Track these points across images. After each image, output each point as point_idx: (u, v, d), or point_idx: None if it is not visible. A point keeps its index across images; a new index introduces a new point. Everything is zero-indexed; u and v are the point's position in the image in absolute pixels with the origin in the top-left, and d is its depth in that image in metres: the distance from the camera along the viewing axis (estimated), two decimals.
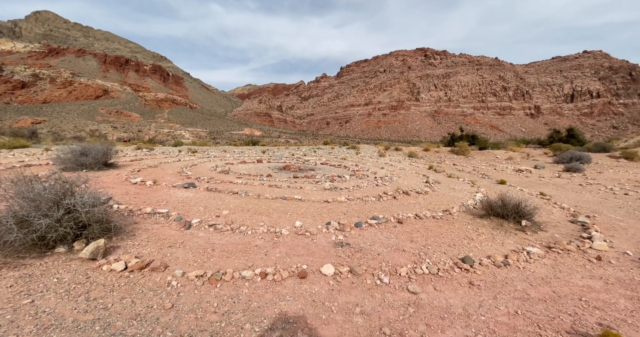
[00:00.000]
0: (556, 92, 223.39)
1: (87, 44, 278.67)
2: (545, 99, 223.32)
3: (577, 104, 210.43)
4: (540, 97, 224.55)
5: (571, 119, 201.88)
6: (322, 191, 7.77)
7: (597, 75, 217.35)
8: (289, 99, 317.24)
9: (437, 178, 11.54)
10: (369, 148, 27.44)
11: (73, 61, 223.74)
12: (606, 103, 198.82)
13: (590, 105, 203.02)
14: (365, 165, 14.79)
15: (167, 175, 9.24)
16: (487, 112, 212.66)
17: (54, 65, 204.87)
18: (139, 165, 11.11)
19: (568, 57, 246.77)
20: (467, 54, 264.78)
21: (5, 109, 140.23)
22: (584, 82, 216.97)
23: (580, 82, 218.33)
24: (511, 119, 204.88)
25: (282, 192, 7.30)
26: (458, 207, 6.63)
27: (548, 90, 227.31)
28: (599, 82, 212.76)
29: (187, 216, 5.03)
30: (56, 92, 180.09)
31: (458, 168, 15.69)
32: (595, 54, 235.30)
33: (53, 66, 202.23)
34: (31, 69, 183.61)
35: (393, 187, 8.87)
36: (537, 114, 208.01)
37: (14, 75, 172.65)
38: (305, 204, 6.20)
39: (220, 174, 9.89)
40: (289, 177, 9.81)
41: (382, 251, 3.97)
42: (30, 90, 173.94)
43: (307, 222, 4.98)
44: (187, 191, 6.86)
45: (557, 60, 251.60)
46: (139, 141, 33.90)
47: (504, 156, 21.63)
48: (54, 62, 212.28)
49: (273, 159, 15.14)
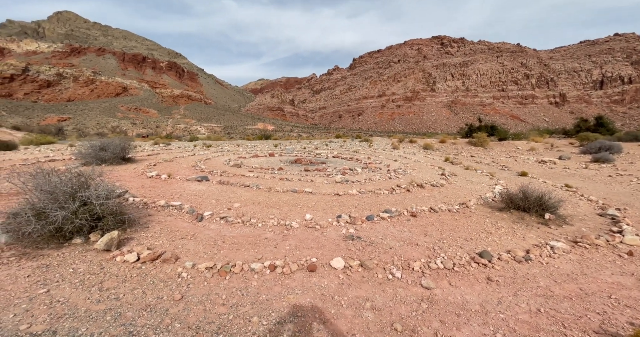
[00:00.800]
0: (584, 79, 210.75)
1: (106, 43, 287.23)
2: (571, 86, 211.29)
3: (606, 90, 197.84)
4: (566, 85, 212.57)
5: (600, 107, 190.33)
6: (333, 184, 7.67)
7: (630, 60, 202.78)
8: (300, 92, 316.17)
9: (453, 170, 11.17)
10: (382, 141, 26.97)
11: (94, 60, 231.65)
12: (639, 89, 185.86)
13: (622, 91, 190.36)
14: (378, 158, 14.53)
15: (181, 169, 9.40)
16: (508, 101, 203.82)
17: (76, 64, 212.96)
18: (155, 159, 11.38)
19: (597, 40, 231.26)
20: (486, 40, 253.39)
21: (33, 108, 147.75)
22: (615, 67, 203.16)
23: (610, 68, 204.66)
24: (534, 108, 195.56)
25: (293, 185, 7.26)
26: (475, 200, 6.36)
27: (575, 76, 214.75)
28: (631, 67, 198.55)
29: (200, 208, 5.08)
30: (79, 91, 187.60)
31: (476, 160, 15.16)
32: (628, 36, 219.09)
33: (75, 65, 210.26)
34: (55, 69, 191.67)
35: (407, 180, 8.64)
36: (563, 102, 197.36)
37: (40, 75, 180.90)
38: (315, 197, 6.13)
39: (232, 167, 9.97)
40: (300, 170, 9.76)
41: (395, 244, 3.84)
42: (55, 89, 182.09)
43: (318, 215, 4.91)
44: (200, 184, 6.94)
45: (585, 44, 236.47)
46: (156, 136, 34.87)
47: (526, 147, 20.70)
48: (76, 61, 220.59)
49: (285, 152, 15.14)
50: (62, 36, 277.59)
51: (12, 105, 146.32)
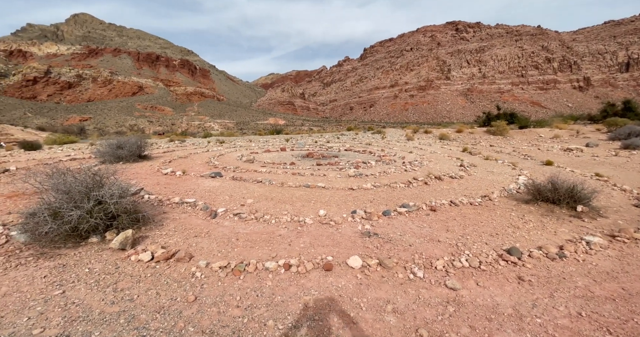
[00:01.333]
0: (609, 61, 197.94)
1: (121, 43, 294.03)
2: (596, 69, 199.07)
3: (633, 73, 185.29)
4: (591, 68, 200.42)
5: (626, 91, 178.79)
6: (346, 178, 7.48)
7: None
8: (311, 85, 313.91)
9: (472, 161, 10.71)
10: (395, 132, 26.35)
11: (110, 60, 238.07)
12: None
13: None
14: (392, 150, 14.16)
15: (195, 165, 9.45)
16: (528, 87, 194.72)
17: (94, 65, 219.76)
18: (170, 156, 11.52)
19: (623, 20, 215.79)
20: (504, 24, 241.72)
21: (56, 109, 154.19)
22: None
23: (637, 49, 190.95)
24: (555, 93, 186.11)
25: (306, 180, 7.12)
26: (499, 192, 6.02)
27: (599, 59, 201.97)
28: None
29: (213, 205, 5.03)
30: (98, 91, 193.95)
31: (496, 149, 14.53)
32: None
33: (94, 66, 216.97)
34: (75, 70, 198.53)
35: (424, 172, 8.33)
36: (587, 86, 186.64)
37: (61, 77, 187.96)
38: (329, 192, 5.97)
39: (245, 163, 9.94)
40: (312, 164, 9.61)
41: (414, 241, 3.64)
42: (76, 90, 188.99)
43: (332, 211, 4.76)
44: (214, 181, 6.92)
45: (610, 24, 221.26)
46: (172, 134, 35.57)
47: (549, 135, 19.70)
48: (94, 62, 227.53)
49: (296, 147, 15.02)
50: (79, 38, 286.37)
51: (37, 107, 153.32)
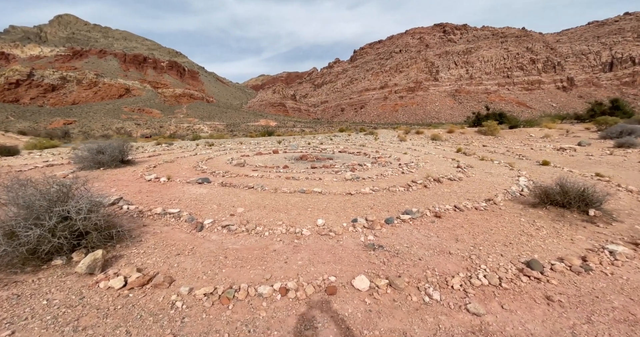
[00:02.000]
0: (592, 61, 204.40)
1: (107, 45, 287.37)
2: (579, 69, 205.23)
3: (616, 72, 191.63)
4: (574, 68, 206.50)
5: (610, 90, 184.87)
6: (343, 181, 7.12)
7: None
8: (302, 87, 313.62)
9: (468, 162, 10.52)
10: (387, 133, 26.21)
11: (96, 62, 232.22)
12: None
13: (632, 73, 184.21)
14: (386, 151, 13.90)
15: (182, 170, 8.94)
16: (513, 88, 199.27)
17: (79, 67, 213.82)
18: (156, 161, 10.93)
19: (607, 21, 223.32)
20: (490, 26, 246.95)
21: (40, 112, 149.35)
22: (625, 47, 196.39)
23: (620, 48, 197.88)
24: (540, 93, 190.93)
25: (300, 184, 6.73)
26: (502, 195, 5.76)
27: (583, 59, 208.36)
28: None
29: (200, 215, 4.59)
30: (83, 93, 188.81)
31: (489, 149, 14.44)
32: (639, 15, 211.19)
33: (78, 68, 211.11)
34: (59, 72, 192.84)
35: (421, 174, 8.05)
36: (570, 86, 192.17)
37: (44, 79, 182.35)
38: (326, 198, 5.60)
39: (235, 167, 9.47)
40: (307, 167, 9.23)
41: (424, 254, 3.30)
42: (60, 92, 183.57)
43: (331, 220, 4.38)
44: (201, 187, 6.45)
45: (593, 25, 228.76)
46: (159, 137, 34.59)
47: (539, 134, 19.85)
48: (78, 64, 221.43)
49: (289, 149, 14.60)
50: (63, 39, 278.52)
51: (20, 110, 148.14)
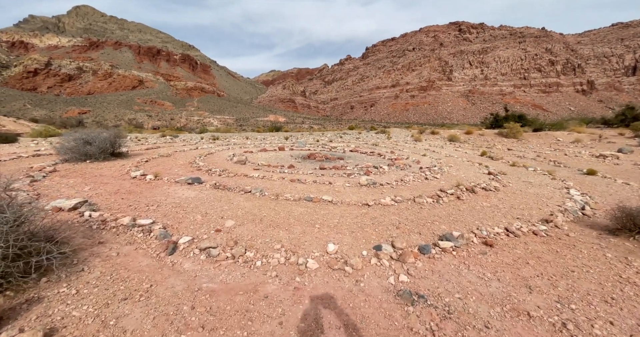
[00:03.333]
0: (615, 65, 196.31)
1: (122, 36, 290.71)
2: (600, 72, 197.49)
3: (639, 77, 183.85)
4: (595, 71, 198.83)
5: (632, 95, 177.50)
6: (357, 187, 6.02)
7: None
8: (312, 83, 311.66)
9: (498, 168, 9.28)
10: (400, 132, 24.85)
11: (111, 53, 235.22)
12: None
13: None
14: (402, 152, 12.71)
15: (176, 166, 7.98)
16: (530, 90, 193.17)
17: (94, 58, 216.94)
18: (151, 154, 10.03)
19: (632, 22, 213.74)
20: (508, 25, 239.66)
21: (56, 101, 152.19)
22: None
23: None
24: (558, 96, 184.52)
25: (307, 189, 5.66)
26: (561, 215, 4.57)
27: (605, 62, 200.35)
28: None
29: (177, 230, 3.58)
30: (98, 84, 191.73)
31: (516, 154, 13.10)
32: None
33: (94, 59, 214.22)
34: (75, 63, 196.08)
35: (449, 181, 6.88)
36: (590, 90, 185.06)
37: (61, 69, 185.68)
38: (338, 209, 4.52)
39: (235, 164, 8.46)
40: (315, 168, 8.15)
41: (489, 315, 2.20)
42: (76, 82, 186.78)
43: (345, 244, 3.31)
44: (190, 189, 5.45)
45: (617, 27, 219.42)
46: (166, 129, 33.98)
47: (568, 138, 18.26)
48: (94, 55, 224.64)
49: (296, 146, 13.54)
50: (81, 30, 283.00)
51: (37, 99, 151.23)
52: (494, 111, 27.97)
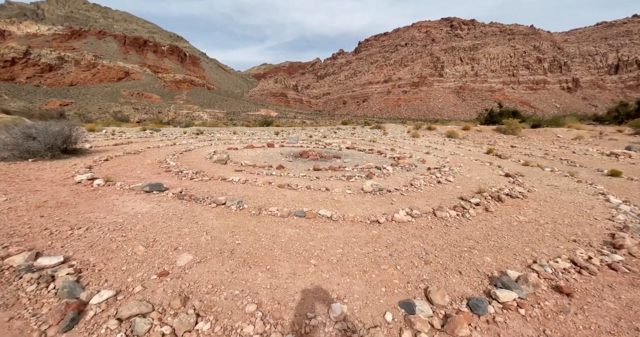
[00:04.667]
0: (598, 63, 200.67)
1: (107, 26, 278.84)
2: (585, 70, 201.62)
3: (621, 75, 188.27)
4: (580, 69, 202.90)
5: (614, 93, 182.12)
6: (360, 195, 4.87)
7: None
8: (304, 77, 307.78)
9: (512, 168, 8.31)
10: (396, 128, 23.76)
11: (95, 43, 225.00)
12: None
13: (637, 76, 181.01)
14: (403, 149, 11.63)
15: (141, 166, 6.64)
16: (518, 87, 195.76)
17: (77, 47, 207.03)
18: (117, 151, 8.62)
19: (615, 22, 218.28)
20: (498, 22, 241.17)
21: (35, 92, 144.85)
22: (632, 50, 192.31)
23: (627, 51, 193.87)
24: (544, 93, 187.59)
25: (299, 198, 4.47)
26: (628, 236, 3.54)
27: (589, 60, 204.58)
28: None
29: (98, 274, 2.35)
30: (81, 75, 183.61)
31: (521, 151, 12.22)
32: None
33: (77, 49, 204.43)
34: (56, 52, 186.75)
35: (465, 185, 5.81)
36: (575, 87, 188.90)
37: (41, 58, 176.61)
38: (340, 231, 3.37)
39: (214, 164, 7.17)
40: (308, 169, 6.95)
41: None
42: (57, 73, 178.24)
43: (357, 298, 2.16)
44: (145, 200, 4.18)
45: (602, 26, 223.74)
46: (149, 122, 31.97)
47: (568, 135, 17.56)
48: (77, 44, 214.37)
49: (287, 142, 12.28)
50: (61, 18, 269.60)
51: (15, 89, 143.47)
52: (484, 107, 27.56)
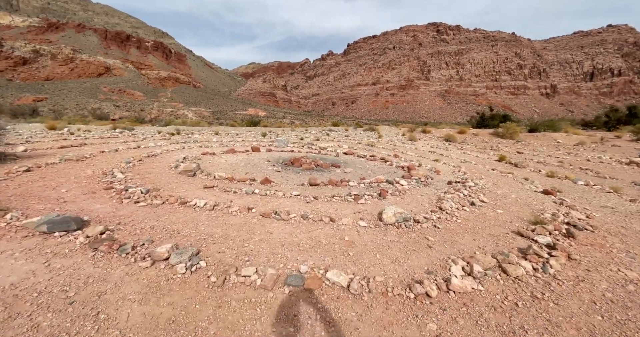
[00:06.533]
0: (575, 70, 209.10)
1: (87, 19, 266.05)
2: (562, 77, 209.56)
3: (596, 82, 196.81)
4: (558, 76, 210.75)
5: (589, 99, 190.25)
6: (379, 229, 3.38)
7: (620, 52, 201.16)
8: (293, 78, 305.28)
9: (540, 180, 7.08)
10: (389, 130, 22.45)
11: (73, 37, 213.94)
12: (627, 82, 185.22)
13: (610, 84, 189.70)
14: (407, 155, 10.28)
15: (70, 182, 4.88)
16: (500, 91, 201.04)
17: (54, 41, 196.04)
18: (55, 156, 6.76)
19: (591, 31, 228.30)
20: (482, 29, 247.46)
21: (7, 86, 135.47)
22: (606, 59, 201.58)
23: (601, 59, 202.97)
24: (525, 99, 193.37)
25: (292, 240, 2.90)
26: None
27: (567, 68, 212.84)
28: (621, 59, 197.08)
29: None
30: (58, 69, 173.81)
31: (531, 158, 11.14)
32: (621, 28, 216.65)
33: (53, 42, 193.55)
34: (31, 45, 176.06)
35: (507, 208, 4.41)
36: (553, 93, 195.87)
37: (15, 51, 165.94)
38: (367, 325, 1.88)
39: (178, 177, 5.50)
40: (302, 183, 5.41)
41: None
42: (32, 67, 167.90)
43: None
44: (26, 255, 2.50)
45: (578, 35, 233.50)
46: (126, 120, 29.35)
47: (568, 140, 16.71)
48: (54, 37, 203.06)
49: (275, 145, 10.65)
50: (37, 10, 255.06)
51: None
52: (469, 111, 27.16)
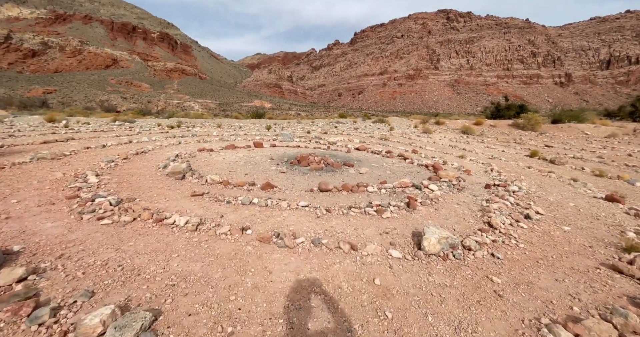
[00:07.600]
0: (591, 58, 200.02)
1: (93, 10, 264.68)
2: (578, 65, 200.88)
3: (612, 71, 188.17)
4: (573, 64, 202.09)
5: (604, 88, 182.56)
6: (420, 263, 2.45)
7: (639, 39, 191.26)
8: (299, 68, 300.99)
9: (590, 182, 6.03)
10: (401, 122, 21.14)
11: (80, 28, 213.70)
12: None
13: (627, 72, 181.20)
14: (426, 150, 9.24)
15: (29, 188, 4.05)
16: (512, 81, 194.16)
17: (61, 32, 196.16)
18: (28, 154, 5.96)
19: (608, 17, 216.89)
20: (494, 15, 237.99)
21: (18, 78, 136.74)
22: (624, 46, 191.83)
23: (619, 46, 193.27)
24: (537, 88, 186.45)
25: (300, 286, 1.98)
26: None
27: (582, 55, 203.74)
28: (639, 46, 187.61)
29: None
30: (66, 61, 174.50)
31: (564, 153, 10.02)
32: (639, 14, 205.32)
33: (61, 34, 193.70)
34: (40, 37, 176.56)
35: (575, 224, 3.43)
36: (568, 82, 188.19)
37: (24, 43, 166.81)
38: None
39: (164, 180, 4.63)
40: (311, 188, 4.48)
41: None
42: (41, 59, 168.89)
43: None
44: None
45: (595, 21, 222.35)
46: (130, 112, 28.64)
47: (597, 132, 15.29)
48: (61, 29, 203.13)
49: (280, 139, 9.71)
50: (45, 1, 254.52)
51: None
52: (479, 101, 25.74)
